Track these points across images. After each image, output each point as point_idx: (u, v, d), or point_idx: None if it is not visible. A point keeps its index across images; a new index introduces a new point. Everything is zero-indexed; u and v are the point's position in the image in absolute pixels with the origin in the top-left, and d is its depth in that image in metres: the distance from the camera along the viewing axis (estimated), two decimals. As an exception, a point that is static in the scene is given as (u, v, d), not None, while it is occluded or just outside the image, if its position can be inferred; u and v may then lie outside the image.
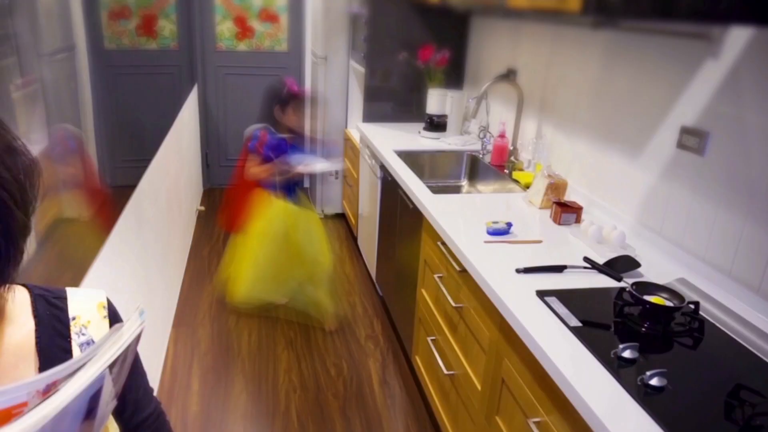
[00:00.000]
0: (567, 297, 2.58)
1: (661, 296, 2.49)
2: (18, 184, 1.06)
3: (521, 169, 4.36)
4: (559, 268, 2.83)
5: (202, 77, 7.96)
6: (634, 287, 2.50)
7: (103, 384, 0.98)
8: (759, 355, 2.27)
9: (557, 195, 3.67)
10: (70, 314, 1.28)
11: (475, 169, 4.91)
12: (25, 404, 0.86)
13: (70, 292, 1.32)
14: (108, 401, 1.04)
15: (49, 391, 0.89)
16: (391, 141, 5.28)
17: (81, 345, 1.26)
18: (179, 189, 5.79)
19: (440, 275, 3.51)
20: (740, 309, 2.53)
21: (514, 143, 4.61)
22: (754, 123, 2.54)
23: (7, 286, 1.14)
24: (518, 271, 2.81)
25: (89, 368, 0.94)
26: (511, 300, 2.56)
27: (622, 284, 2.62)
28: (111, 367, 0.99)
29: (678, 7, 2.20)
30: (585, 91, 3.73)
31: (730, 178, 2.66)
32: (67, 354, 1.24)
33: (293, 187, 4.87)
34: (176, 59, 7.04)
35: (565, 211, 3.44)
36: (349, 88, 6.83)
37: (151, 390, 1.53)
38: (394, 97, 6.00)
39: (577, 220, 3.45)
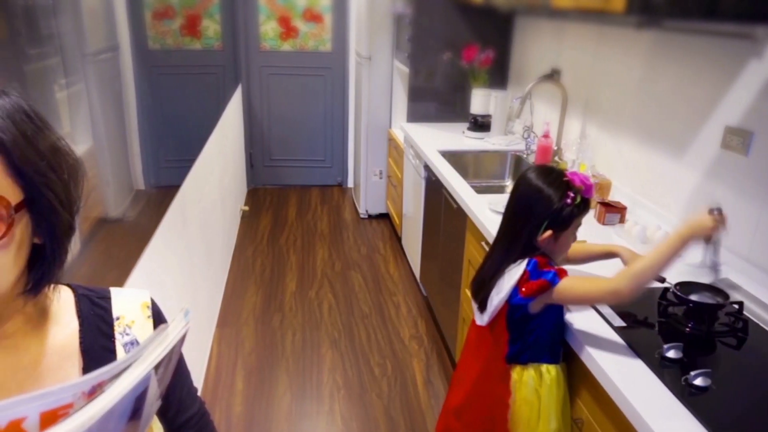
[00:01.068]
0: (611, 297, 2.57)
1: (705, 296, 2.47)
2: (63, 184, 1.07)
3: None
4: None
5: (246, 77, 7.99)
6: (677, 287, 2.49)
7: (148, 385, 0.98)
8: (805, 356, 2.26)
9: (601, 195, 3.66)
10: (114, 314, 1.28)
11: (519, 169, 4.89)
12: (70, 405, 0.86)
13: (114, 292, 1.32)
14: (153, 402, 1.04)
15: (94, 392, 0.89)
16: (435, 141, 5.27)
17: (125, 345, 1.26)
18: (223, 189, 5.83)
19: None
20: (785, 309, 2.52)
21: (558, 143, 4.58)
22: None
23: (52, 286, 1.15)
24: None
25: (135, 369, 0.94)
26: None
27: (665, 284, 2.61)
28: (156, 368, 0.99)
29: (722, 7, 2.20)
30: (629, 91, 3.71)
31: (776, 177, 2.64)
32: (110, 354, 1.24)
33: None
34: (220, 59, 7.05)
35: (609, 210, 3.43)
36: (393, 88, 6.82)
37: (195, 390, 1.52)
38: (438, 97, 5.99)
39: (621, 220, 3.43)
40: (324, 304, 5.47)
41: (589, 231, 3.33)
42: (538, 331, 2.41)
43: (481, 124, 5.46)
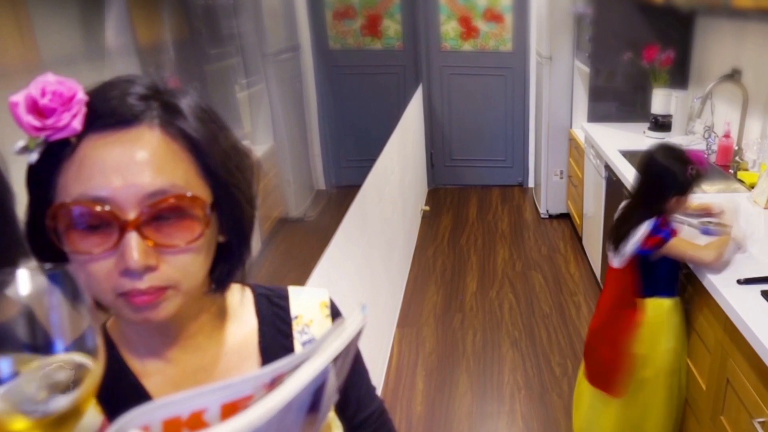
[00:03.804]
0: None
1: None
2: (247, 183, 1.10)
3: (746, 169, 4.28)
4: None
5: (426, 77, 8.00)
6: None
7: (327, 377, 0.99)
8: None
9: (783, 196, 3.60)
10: (292, 313, 1.29)
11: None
12: (251, 397, 0.88)
13: (293, 292, 1.33)
14: (331, 395, 1.04)
15: (274, 384, 0.91)
16: (616, 141, 5.19)
17: (303, 344, 1.26)
18: (403, 189, 5.89)
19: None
20: None
21: (738, 143, 4.49)
22: None
23: (234, 285, 1.20)
24: (739, 282, 2.78)
25: (313, 362, 0.95)
26: (737, 300, 2.59)
27: None
28: (334, 361, 1.00)
29: None
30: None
31: None
32: (289, 353, 1.18)
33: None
34: (401, 59, 7.11)
35: (792, 213, 3.39)
36: (574, 88, 6.72)
37: (374, 388, 1.50)
38: (619, 97, 5.91)
39: (802, 221, 3.38)
40: (504, 304, 5.43)
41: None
42: (657, 273, 3.13)
43: (661, 124, 5.38)
